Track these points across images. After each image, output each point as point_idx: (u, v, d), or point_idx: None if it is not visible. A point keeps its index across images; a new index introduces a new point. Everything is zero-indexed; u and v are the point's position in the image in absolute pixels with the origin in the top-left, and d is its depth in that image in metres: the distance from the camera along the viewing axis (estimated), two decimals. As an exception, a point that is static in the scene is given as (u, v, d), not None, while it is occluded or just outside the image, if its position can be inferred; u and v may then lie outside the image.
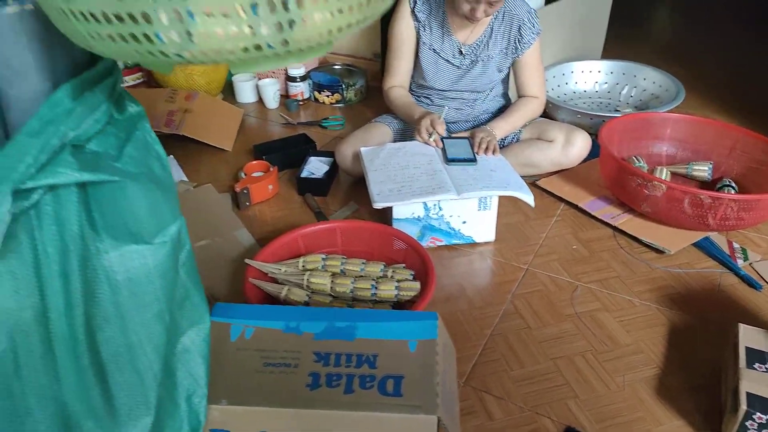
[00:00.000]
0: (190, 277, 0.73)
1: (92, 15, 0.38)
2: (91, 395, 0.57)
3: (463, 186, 1.34)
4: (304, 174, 1.66)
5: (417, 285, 1.16)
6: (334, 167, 1.70)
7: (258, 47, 0.40)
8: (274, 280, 1.21)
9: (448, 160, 1.45)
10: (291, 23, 0.39)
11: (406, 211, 1.36)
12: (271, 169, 1.67)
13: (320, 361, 0.88)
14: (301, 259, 1.23)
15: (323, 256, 1.24)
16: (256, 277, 1.19)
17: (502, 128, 1.60)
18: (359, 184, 1.65)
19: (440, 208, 1.37)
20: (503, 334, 1.17)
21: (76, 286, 0.53)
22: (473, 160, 1.45)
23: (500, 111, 1.73)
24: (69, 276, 0.52)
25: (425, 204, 1.35)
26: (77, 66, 0.52)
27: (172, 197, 0.60)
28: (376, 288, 1.16)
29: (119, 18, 0.38)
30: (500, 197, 1.38)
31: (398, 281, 1.18)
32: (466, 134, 1.59)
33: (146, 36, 0.38)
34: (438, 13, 1.60)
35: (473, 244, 1.44)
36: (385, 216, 1.43)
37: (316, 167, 1.71)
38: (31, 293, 0.51)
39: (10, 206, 0.45)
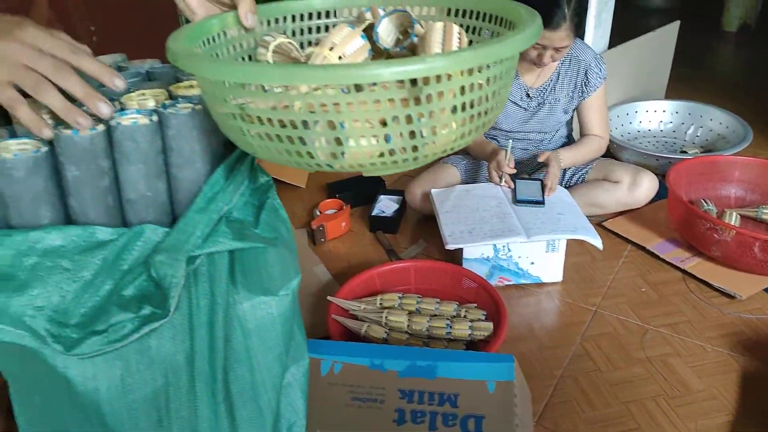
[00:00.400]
0: (296, 318, 0.82)
1: (267, 135, 0.47)
2: (221, 426, 0.66)
3: (532, 229, 1.40)
4: (375, 212, 1.75)
5: (490, 326, 1.22)
6: (403, 205, 1.78)
7: (394, 162, 0.49)
8: (354, 317, 1.29)
9: (517, 201, 1.51)
10: (424, 145, 0.48)
11: (476, 252, 1.43)
12: (345, 207, 1.76)
13: (405, 397, 0.95)
14: (378, 297, 1.30)
15: (399, 294, 1.32)
16: (337, 314, 1.27)
17: (568, 158, 1.64)
18: (427, 221, 1.72)
19: (509, 249, 1.43)
20: (574, 376, 1.20)
21: (219, 333, 0.62)
22: (541, 203, 1.50)
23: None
24: (214, 324, 0.62)
25: (495, 245, 1.41)
26: (226, 148, 0.63)
27: (294, 255, 0.69)
28: (450, 327, 1.22)
29: (290, 139, 0.47)
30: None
31: (471, 321, 1.24)
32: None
33: (308, 153, 0.47)
34: (506, 60, 1.67)
35: (540, 284, 1.48)
36: (453, 254, 1.50)
37: (386, 205, 1.79)
38: (184, 339, 0.60)
39: (184, 272, 0.55)
